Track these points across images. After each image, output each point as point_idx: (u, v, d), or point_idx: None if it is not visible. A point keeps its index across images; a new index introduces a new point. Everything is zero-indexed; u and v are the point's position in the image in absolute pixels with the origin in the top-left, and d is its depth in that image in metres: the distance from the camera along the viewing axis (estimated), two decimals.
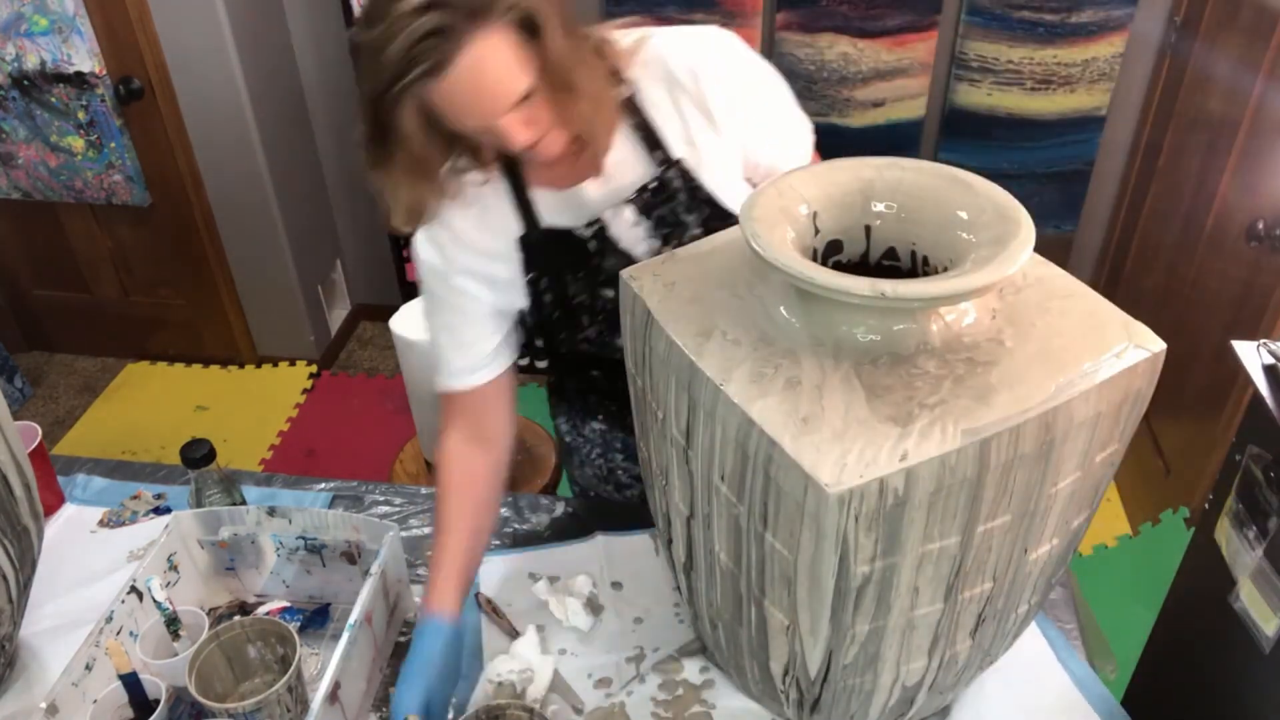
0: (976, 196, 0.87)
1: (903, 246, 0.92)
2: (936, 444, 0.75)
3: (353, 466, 2.84)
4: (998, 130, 2.63)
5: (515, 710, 1.03)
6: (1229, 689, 1.13)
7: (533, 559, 1.32)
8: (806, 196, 0.90)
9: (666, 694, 1.13)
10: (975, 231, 0.85)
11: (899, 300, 0.76)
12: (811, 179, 0.92)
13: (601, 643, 1.20)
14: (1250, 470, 1.07)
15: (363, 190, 3.16)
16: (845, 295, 0.77)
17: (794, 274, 0.79)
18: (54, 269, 3.22)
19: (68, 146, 2.84)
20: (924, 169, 0.91)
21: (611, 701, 1.12)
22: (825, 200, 0.91)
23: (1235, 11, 2.18)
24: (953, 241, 0.87)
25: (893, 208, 0.91)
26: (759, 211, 0.86)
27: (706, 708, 1.11)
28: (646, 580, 1.27)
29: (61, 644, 1.17)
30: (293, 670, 1.02)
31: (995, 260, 0.79)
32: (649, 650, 1.18)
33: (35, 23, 2.62)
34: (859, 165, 0.92)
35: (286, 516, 1.20)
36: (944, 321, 0.83)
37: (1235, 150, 2.13)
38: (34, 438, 1.34)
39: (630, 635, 1.20)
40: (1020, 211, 0.84)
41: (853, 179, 0.92)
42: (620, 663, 1.18)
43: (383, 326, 3.51)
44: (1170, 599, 1.33)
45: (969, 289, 0.77)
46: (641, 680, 1.14)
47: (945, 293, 0.77)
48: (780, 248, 0.82)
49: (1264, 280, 2.02)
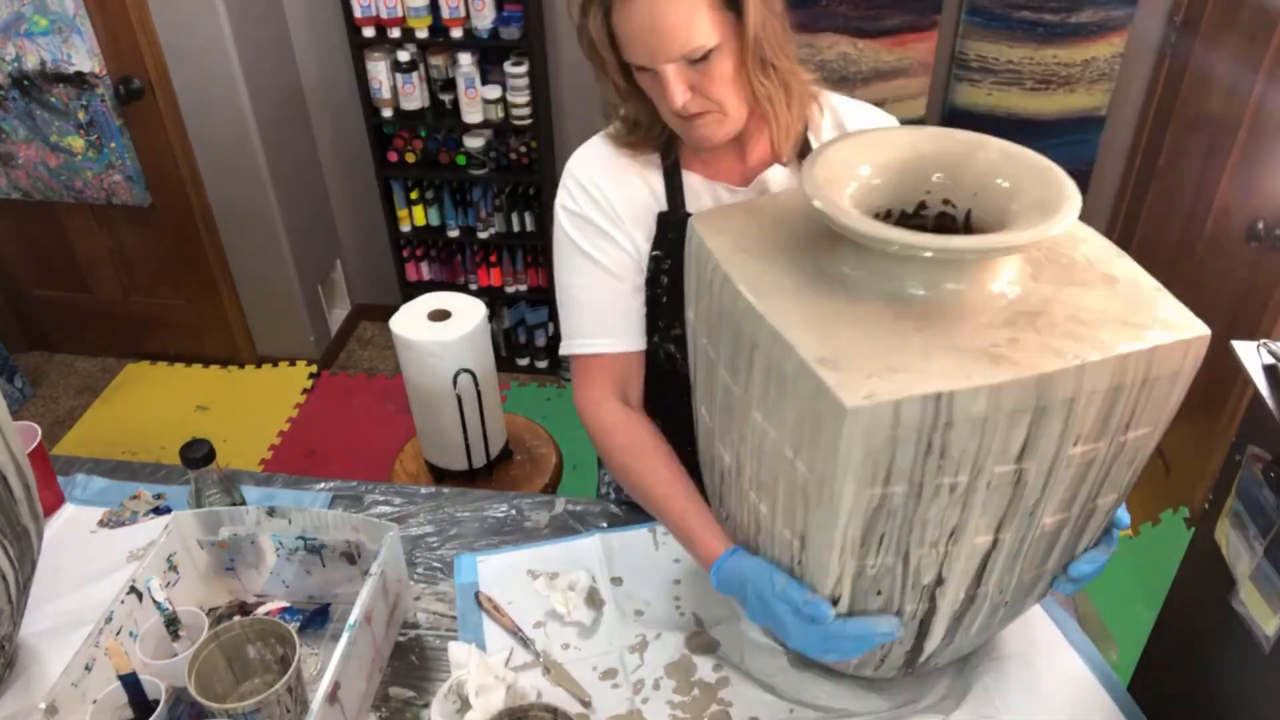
0: (1028, 167, 0.92)
1: (958, 212, 0.97)
2: (950, 381, 0.79)
3: (353, 466, 2.84)
4: (998, 130, 2.61)
5: (539, 711, 1.04)
6: (1229, 689, 1.13)
7: (532, 556, 1.32)
8: (867, 160, 0.95)
9: (683, 695, 1.13)
10: (1021, 198, 0.90)
11: (947, 251, 0.82)
12: (870, 145, 0.97)
13: (604, 634, 1.21)
14: (1250, 470, 1.07)
15: (363, 190, 3.17)
16: (891, 245, 0.83)
17: (849, 227, 0.84)
18: (54, 269, 3.22)
19: (68, 146, 2.84)
20: (975, 141, 0.96)
21: (630, 708, 1.12)
22: (882, 166, 0.95)
23: (1235, 11, 2.18)
24: (1003, 207, 0.91)
25: (931, 176, 0.96)
26: (820, 171, 0.91)
27: (724, 706, 1.11)
28: (646, 574, 1.28)
29: (61, 644, 1.17)
30: (292, 670, 1.02)
31: (1039, 224, 0.84)
32: (651, 638, 1.19)
33: (35, 23, 2.62)
34: (915, 134, 0.98)
35: (286, 516, 1.20)
36: (988, 285, 0.88)
37: (1235, 150, 2.13)
38: (34, 438, 1.34)
39: (632, 626, 1.21)
40: (1067, 183, 0.89)
41: (909, 147, 0.97)
42: (624, 652, 1.18)
43: (383, 326, 3.52)
44: (1170, 599, 1.33)
45: (1010, 244, 0.83)
46: (655, 686, 1.15)
47: (987, 246, 0.83)
48: (847, 210, 0.87)
49: (1264, 280, 2.02)
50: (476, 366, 1.98)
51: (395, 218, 3.03)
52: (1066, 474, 0.88)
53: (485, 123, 2.79)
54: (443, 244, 3.12)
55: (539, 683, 1.15)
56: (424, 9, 2.60)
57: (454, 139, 2.89)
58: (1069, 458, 0.86)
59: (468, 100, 2.74)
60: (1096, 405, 0.84)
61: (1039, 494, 0.88)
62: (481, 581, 1.29)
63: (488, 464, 2.10)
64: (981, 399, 0.79)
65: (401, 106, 2.80)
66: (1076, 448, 0.86)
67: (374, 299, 3.50)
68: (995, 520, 0.89)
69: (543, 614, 1.23)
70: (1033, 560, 0.96)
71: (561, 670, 1.16)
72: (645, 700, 1.13)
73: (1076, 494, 0.91)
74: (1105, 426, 0.86)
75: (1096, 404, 0.84)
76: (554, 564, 1.30)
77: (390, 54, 2.73)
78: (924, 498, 0.85)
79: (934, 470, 0.83)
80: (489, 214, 2.98)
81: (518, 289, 3.11)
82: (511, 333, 3.22)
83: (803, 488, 0.88)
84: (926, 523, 0.87)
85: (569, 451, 2.29)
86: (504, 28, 2.63)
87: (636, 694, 1.14)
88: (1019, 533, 0.91)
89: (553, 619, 1.23)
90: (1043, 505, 0.90)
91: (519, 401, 3.14)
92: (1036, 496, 0.89)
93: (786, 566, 0.97)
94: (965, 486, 0.85)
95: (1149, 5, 2.44)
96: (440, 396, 1.97)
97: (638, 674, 1.16)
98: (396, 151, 2.89)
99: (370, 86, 2.77)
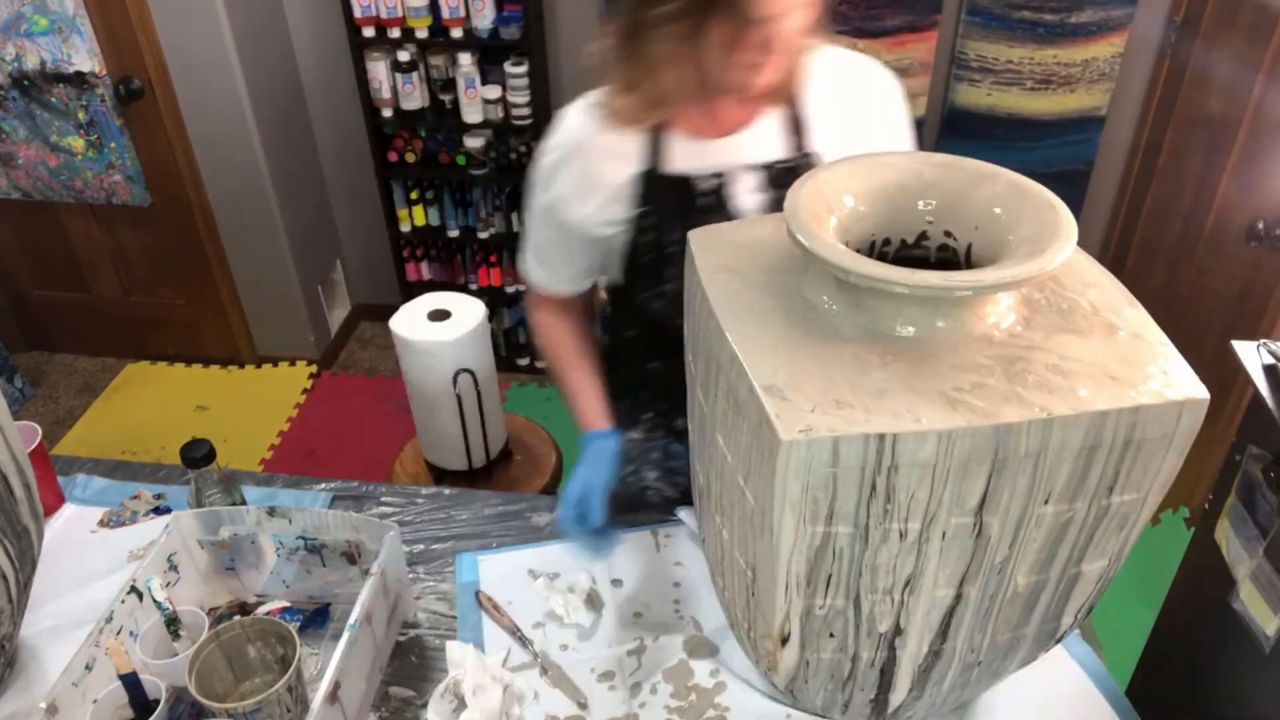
0: (1030, 203, 0.86)
1: (959, 244, 0.92)
2: (897, 423, 0.75)
3: (353, 466, 2.84)
4: (998, 130, 2.63)
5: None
6: (1229, 689, 1.13)
7: (533, 556, 1.32)
8: (852, 189, 0.90)
9: (680, 700, 1.13)
10: (1016, 234, 0.84)
11: (925, 289, 0.77)
12: (859, 171, 0.92)
13: (603, 637, 1.21)
14: (1250, 470, 1.07)
15: (363, 190, 3.17)
16: (851, 275, 0.78)
17: (816, 254, 0.80)
18: (54, 269, 3.22)
19: (68, 146, 2.84)
20: (971, 167, 0.90)
21: (627, 711, 1.12)
22: (871, 194, 0.91)
23: (1235, 11, 2.18)
24: (1000, 243, 0.86)
25: (931, 204, 0.91)
26: (804, 201, 0.86)
27: (720, 711, 1.11)
28: (646, 577, 1.28)
29: (61, 644, 1.17)
30: (293, 670, 1.02)
31: (1029, 259, 0.78)
32: (649, 642, 1.19)
33: (35, 23, 2.62)
34: (908, 160, 0.93)
35: (286, 516, 1.20)
36: (969, 325, 0.83)
37: (1235, 150, 2.13)
38: (34, 438, 1.34)
39: (631, 629, 1.21)
40: (1065, 222, 0.82)
41: (913, 173, 0.91)
42: (622, 656, 1.18)
43: (383, 326, 3.51)
44: (1170, 599, 1.33)
45: (980, 283, 0.77)
46: (653, 690, 1.15)
47: (950, 284, 0.76)
48: (819, 236, 0.82)
49: (1264, 280, 2.02)
50: (476, 366, 1.98)
51: (395, 218, 3.03)
52: (1039, 533, 0.83)
53: (485, 123, 2.79)
54: (443, 244, 3.11)
55: (536, 683, 1.15)
56: (424, 9, 2.60)
57: (454, 139, 2.89)
58: (1039, 516, 0.81)
59: (468, 100, 2.74)
60: (1069, 463, 0.78)
61: (1008, 551, 0.84)
62: (482, 581, 1.29)
63: (488, 464, 2.10)
64: (929, 444, 0.75)
65: (401, 106, 2.80)
66: (1048, 506, 0.81)
67: (374, 299, 3.50)
68: (957, 574, 0.85)
69: (542, 615, 1.23)
70: (1008, 621, 0.91)
71: (559, 671, 1.16)
72: (642, 704, 1.13)
73: (1054, 556, 0.86)
74: (1082, 487, 0.80)
75: (1069, 462, 0.78)
76: (555, 564, 1.30)
77: (390, 54, 2.73)
78: (871, 542, 0.81)
79: (880, 514, 0.79)
80: (489, 214, 2.98)
81: (518, 289, 3.11)
82: (511, 333, 3.22)
83: (750, 517, 0.86)
84: (877, 568, 0.83)
85: (569, 452, 2.29)
86: (504, 28, 2.63)
87: (634, 697, 1.14)
88: (986, 589, 0.87)
89: (552, 620, 1.23)
90: (1014, 563, 0.85)
91: (519, 401, 3.14)
92: (1005, 554, 0.84)
93: (743, 597, 0.95)
94: (918, 534, 0.81)
95: (1149, 5, 2.44)
96: (440, 396, 1.97)
97: (635, 676, 1.16)
98: (396, 151, 2.89)
99: (370, 86, 2.77)
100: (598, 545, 1.20)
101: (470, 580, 1.29)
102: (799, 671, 0.97)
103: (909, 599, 0.86)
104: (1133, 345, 0.82)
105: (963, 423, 0.74)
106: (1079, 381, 0.78)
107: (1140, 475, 0.81)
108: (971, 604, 0.88)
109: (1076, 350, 0.81)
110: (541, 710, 1.12)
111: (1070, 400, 0.76)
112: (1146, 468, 0.81)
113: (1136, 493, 0.82)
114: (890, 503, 0.78)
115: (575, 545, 1.21)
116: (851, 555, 0.82)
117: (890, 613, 0.87)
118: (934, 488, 0.77)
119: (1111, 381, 0.78)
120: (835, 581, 0.85)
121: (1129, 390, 0.77)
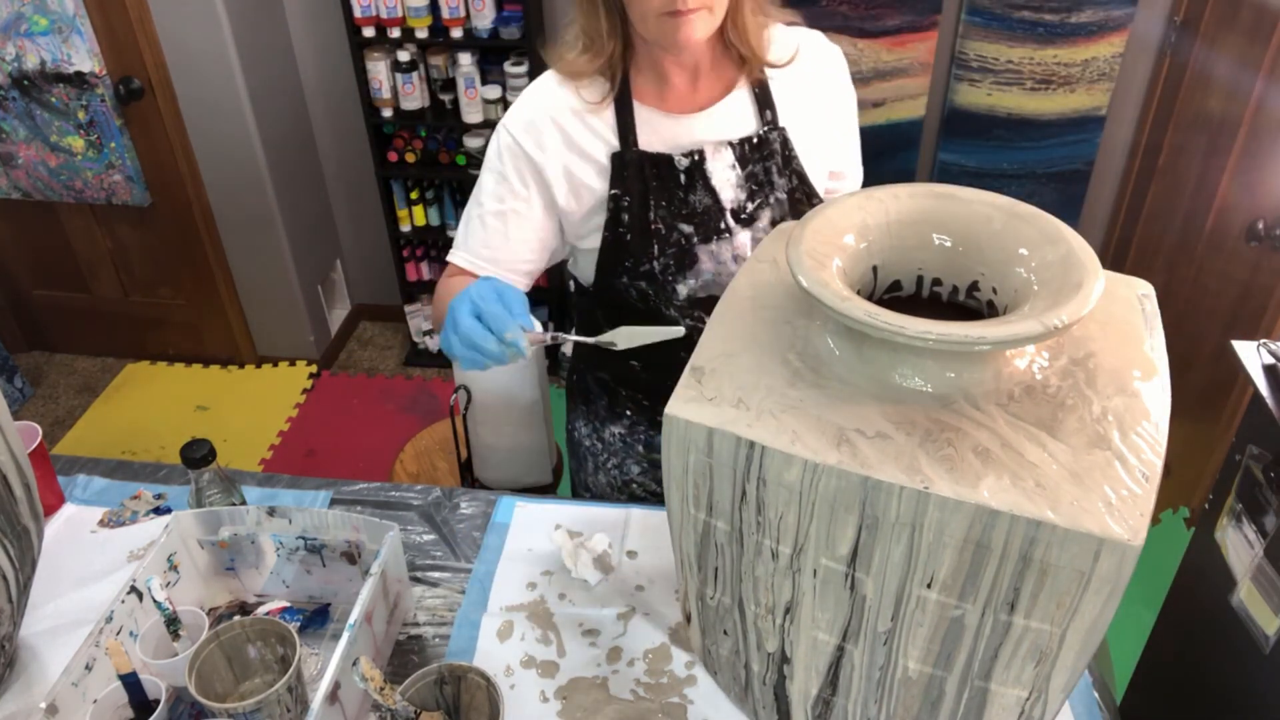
0: (1047, 239, 0.80)
1: (964, 283, 0.86)
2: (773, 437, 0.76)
3: (353, 466, 2.85)
4: (998, 130, 2.63)
5: (474, 675, 1.04)
6: (1229, 689, 1.13)
7: (563, 512, 1.37)
8: (856, 225, 0.86)
9: (651, 679, 1.15)
10: (1039, 274, 0.78)
11: (913, 337, 0.72)
12: (867, 206, 0.87)
13: (600, 596, 1.24)
14: (1250, 470, 1.07)
15: (363, 190, 3.17)
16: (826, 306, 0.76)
17: (801, 282, 0.79)
18: (54, 269, 3.22)
19: (68, 146, 2.84)
20: (986, 201, 0.85)
21: (597, 675, 1.14)
22: (879, 231, 0.87)
23: (1235, 11, 2.18)
24: (1023, 295, 0.79)
25: (948, 242, 0.85)
26: (807, 244, 0.82)
27: (684, 701, 1.12)
28: (659, 555, 1.30)
29: (61, 644, 1.17)
30: (293, 670, 1.02)
31: (1027, 319, 0.72)
32: (640, 612, 1.21)
33: (35, 23, 2.62)
34: (914, 193, 0.88)
35: (286, 516, 1.20)
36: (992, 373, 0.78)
37: (1235, 150, 2.13)
38: (34, 438, 1.34)
39: (628, 598, 1.24)
40: (1090, 260, 0.76)
41: (910, 208, 0.87)
42: (611, 618, 1.20)
43: (383, 326, 3.52)
44: (1170, 599, 1.33)
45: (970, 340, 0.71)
46: (630, 664, 1.16)
47: (950, 337, 0.71)
48: (824, 281, 0.78)
49: (1264, 280, 2.02)
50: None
51: (395, 218, 3.03)
52: (924, 618, 0.78)
53: (485, 123, 2.79)
54: (443, 244, 3.11)
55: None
56: (424, 9, 2.60)
57: (454, 139, 2.89)
58: (921, 598, 0.77)
59: (468, 100, 2.74)
60: (954, 552, 0.72)
61: (890, 623, 0.80)
62: (513, 525, 1.35)
63: None
64: (794, 469, 0.74)
65: (401, 106, 2.80)
66: (931, 591, 0.76)
67: (374, 299, 3.50)
68: (837, 623, 0.84)
69: (554, 564, 1.27)
70: (908, 707, 0.87)
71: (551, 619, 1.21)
72: (615, 671, 1.15)
73: (952, 655, 0.80)
74: (973, 588, 0.74)
75: (953, 550, 0.72)
76: (581, 523, 1.34)
77: (390, 54, 2.73)
78: (747, 549, 0.83)
79: (753, 523, 0.81)
80: None
81: None
82: None
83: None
84: (757, 580, 0.85)
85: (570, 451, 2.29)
86: (504, 28, 2.63)
87: (610, 662, 1.15)
88: (874, 658, 0.84)
89: (562, 570, 1.27)
90: (900, 641, 0.81)
91: None
92: (889, 625, 0.81)
93: (678, 569, 1.00)
94: (789, 559, 0.81)
95: (1149, 5, 2.44)
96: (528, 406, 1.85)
97: (617, 642, 1.17)
98: (396, 151, 2.89)
99: (370, 86, 2.77)
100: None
101: (503, 521, 1.36)
102: (709, 661, 1.06)
103: (789, 627, 0.87)
104: (1103, 467, 0.71)
105: (833, 461, 0.73)
106: (998, 472, 0.70)
107: (1049, 605, 0.72)
108: (858, 667, 0.86)
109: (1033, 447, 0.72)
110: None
111: (963, 485, 0.69)
112: (1058, 599, 0.71)
113: (1047, 624, 0.74)
114: (761, 515, 0.80)
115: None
116: (731, 555, 0.86)
117: (774, 633, 0.89)
118: (801, 518, 0.78)
119: (1035, 488, 0.69)
120: (721, 577, 0.89)
121: (1042, 502, 0.68)
